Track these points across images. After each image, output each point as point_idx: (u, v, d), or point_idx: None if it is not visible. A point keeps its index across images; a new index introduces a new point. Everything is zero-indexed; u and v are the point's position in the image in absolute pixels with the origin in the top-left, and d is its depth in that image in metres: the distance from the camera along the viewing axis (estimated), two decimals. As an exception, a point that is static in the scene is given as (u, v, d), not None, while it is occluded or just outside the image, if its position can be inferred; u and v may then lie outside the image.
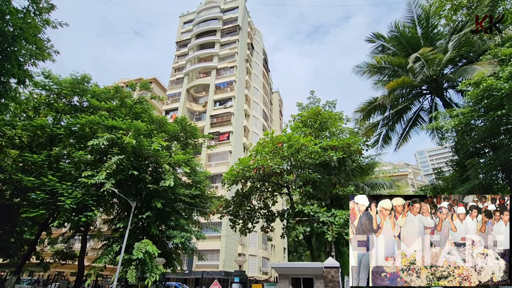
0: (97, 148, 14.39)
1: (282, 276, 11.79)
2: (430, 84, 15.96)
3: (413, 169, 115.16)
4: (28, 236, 21.48)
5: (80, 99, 17.32)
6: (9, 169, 17.27)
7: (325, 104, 25.92)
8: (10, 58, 6.69)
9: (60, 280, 19.04)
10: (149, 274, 13.04)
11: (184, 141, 20.11)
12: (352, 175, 19.86)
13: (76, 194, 13.12)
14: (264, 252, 37.45)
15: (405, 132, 18.28)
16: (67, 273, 28.77)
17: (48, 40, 7.98)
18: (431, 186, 18.54)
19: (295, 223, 15.39)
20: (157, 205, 14.33)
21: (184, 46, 48.65)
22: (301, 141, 15.61)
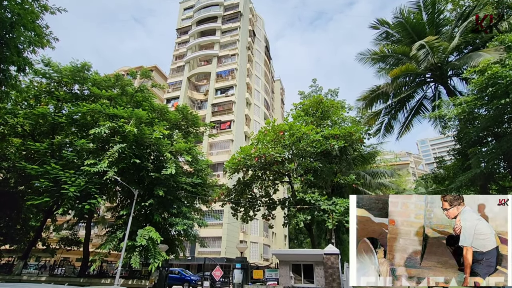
0: (99, 137, 14.43)
1: (283, 263, 12.01)
2: (434, 71, 15.71)
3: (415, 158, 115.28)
4: (33, 223, 21.91)
5: (81, 87, 17.23)
6: (12, 157, 17.44)
7: (327, 93, 25.68)
8: (9, 45, 6.62)
9: (66, 266, 19.50)
10: (153, 260, 13.32)
11: (186, 129, 20.09)
12: (353, 164, 19.89)
13: (79, 182, 13.26)
14: (265, 239, 38.05)
15: (408, 121, 18.16)
16: (72, 259, 29.45)
17: (47, 26, 7.87)
18: (432, 175, 18.57)
19: (296, 211, 15.55)
20: (159, 193, 14.47)
21: (185, 33, 47.88)
22: (302, 129, 15.56)
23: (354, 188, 17.75)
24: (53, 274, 17.42)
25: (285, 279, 11.74)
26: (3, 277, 16.84)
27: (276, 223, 28.67)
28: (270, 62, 57.79)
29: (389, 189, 23.60)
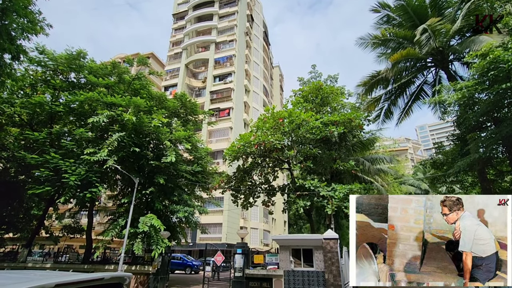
0: (97, 125, 14.37)
1: (283, 247, 12.23)
2: (436, 56, 15.49)
3: (414, 144, 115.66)
4: (35, 211, 22.13)
5: (77, 75, 16.99)
6: (11, 147, 17.39)
7: (326, 79, 25.42)
8: (1, 32, 6.45)
9: (70, 253, 19.86)
10: (155, 246, 13.56)
11: (185, 117, 19.99)
12: (353, 150, 19.94)
13: (79, 171, 13.30)
14: (265, 225, 38.66)
15: (408, 107, 18.06)
16: (76, 246, 29.94)
17: (40, 12, 7.63)
18: (430, 160, 18.67)
19: (296, 198, 15.70)
20: (160, 181, 14.56)
21: (181, 19, 46.82)
22: (302, 116, 15.48)
23: (353, 175, 17.88)
24: (58, 261, 17.75)
25: (285, 263, 12.00)
26: (8, 264, 17.16)
27: (275, 209, 29.05)
28: (268, 48, 56.85)
29: (388, 175, 23.80)
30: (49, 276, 1.86)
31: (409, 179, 33.91)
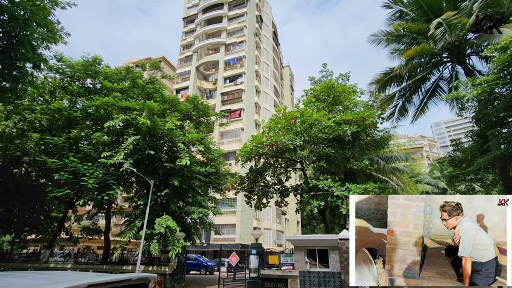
0: (113, 129, 14.72)
1: (297, 248, 12.18)
2: (452, 51, 15.04)
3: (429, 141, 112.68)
4: (55, 214, 22.94)
5: (93, 81, 17.48)
6: (32, 152, 18.09)
7: (338, 77, 25.12)
8: (24, 43, 6.74)
9: (89, 254, 20.44)
10: (171, 247, 13.77)
11: (197, 119, 20.22)
12: (366, 149, 19.59)
13: (97, 174, 13.67)
14: (278, 225, 38.57)
15: (423, 103, 17.61)
16: (94, 247, 30.76)
17: (58, 22, 7.93)
18: (448, 158, 18.12)
19: (310, 198, 15.59)
20: (174, 182, 14.77)
21: (191, 22, 47.39)
22: (314, 116, 15.37)
23: (367, 174, 17.58)
24: (77, 261, 18.29)
25: (300, 264, 11.94)
26: (31, 265, 17.84)
27: (289, 209, 28.90)
28: (278, 48, 56.74)
29: (403, 174, 23.25)
30: (82, 277, 1.93)
31: (425, 178, 33.04)
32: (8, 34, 6.72)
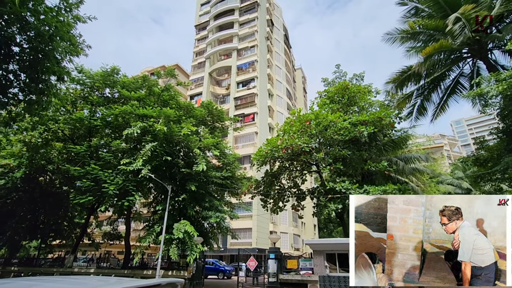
0: (131, 137, 15.11)
1: (316, 252, 11.99)
2: (472, 46, 14.50)
3: (449, 140, 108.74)
4: (78, 220, 23.74)
5: (111, 90, 18.07)
6: (56, 160, 18.84)
7: (352, 78, 24.77)
8: (49, 57, 7.10)
9: (111, 259, 20.97)
10: (190, 252, 13.90)
11: (211, 124, 20.45)
12: (384, 150, 19.11)
13: (117, 181, 14.05)
14: (294, 229, 38.16)
15: (443, 101, 17.01)
16: (114, 252, 31.58)
17: (80, 35, 8.30)
18: (472, 157, 17.38)
19: (327, 201, 15.36)
20: (191, 187, 14.95)
21: (203, 29, 48.21)
22: (329, 117, 15.19)
23: (386, 175, 17.13)
24: (100, 266, 18.79)
25: (319, 268, 11.73)
26: (57, 269, 18.49)
27: (305, 212, 28.55)
28: (290, 50, 56.69)
29: (424, 174, 22.48)
30: (116, 282, 1.98)
31: (447, 178, 31.83)
32: (34, 49, 7.09)
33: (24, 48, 7.42)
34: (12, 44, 7.31)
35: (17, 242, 21.64)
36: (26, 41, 7.35)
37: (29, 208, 20.45)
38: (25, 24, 6.95)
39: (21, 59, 7.54)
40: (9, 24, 6.92)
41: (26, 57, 7.47)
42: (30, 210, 20.59)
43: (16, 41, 7.32)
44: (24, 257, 24.83)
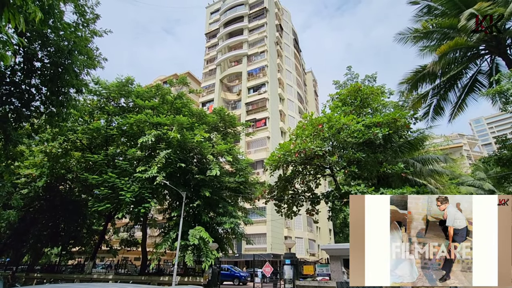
0: (146, 145, 15.44)
1: (333, 258, 11.78)
2: (490, 42, 14.02)
3: (469, 140, 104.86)
4: (96, 227, 24.32)
5: (126, 100, 18.59)
6: (75, 169, 19.46)
7: (364, 79, 24.43)
8: (69, 70, 7.42)
9: (129, 265, 21.32)
10: (205, 258, 13.95)
11: (224, 130, 20.62)
12: (400, 152, 18.64)
13: (133, 188, 14.34)
14: (309, 234, 37.64)
15: (460, 100, 16.45)
16: (131, 258, 32.06)
17: (97, 48, 8.65)
18: (495, 157, 16.67)
19: (342, 205, 15.10)
20: (205, 193, 15.07)
21: (214, 37, 48.99)
22: (342, 120, 15.00)
23: (402, 177, 16.67)
24: (118, 272, 19.14)
25: (337, 274, 11.51)
26: (77, 276, 18.95)
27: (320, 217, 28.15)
28: (300, 54, 56.67)
29: (443, 176, 21.68)
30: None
31: (468, 179, 30.64)
32: (55, 64, 7.44)
33: (45, 63, 7.79)
34: (34, 59, 7.70)
35: (39, 249, 22.38)
36: (47, 56, 7.71)
37: (50, 216, 21.14)
38: (46, 40, 7.30)
39: (42, 74, 7.90)
40: (31, 41, 7.30)
41: (47, 72, 7.83)
42: (51, 218, 21.28)
43: (38, 57, 7.70)
44: (46, 263, 25.62)
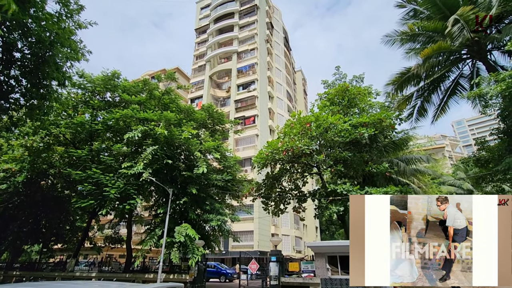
0: (132, 140, 15.17)
1: (318, 255, 11.97)
2: (471, 47, 14.53)
3: (451, 141, 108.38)
4: (79, 223, 23.75)
5: (112, 94, 18.16)
6: (57, 164, 18.90)
7: (352, 79, 24.77)
8: (50, 63, 7.17)
9: (113, 262, 20.94)
10: (191, 255, 13.88)
11: (212, 127, 20.50)
12: (385, 151, 19.10)
13: (118, 184, 14.08)
14: (296, 231, 38.07)
15: (443, 103, 17.02)
16: (116, 255, 31.46)
17: (81, 41, 8.37)
18: (473, 158, 17.33)
19: (328, 203, 15.34)
20: (192, 191, 14.96)
21: (204, 33, 48.47)
22: (329, 120, 15.22)
23: (387, 177, 17.10)
24: (101, 270, 18.77)
25: (321, 271, 11.71)
26: (58, 274, 18.47)
27: (306, 215, 28.52)
28: (290, 53, 56.87)
29: (425, 175, 22.39)
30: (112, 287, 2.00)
31: (449, 179, 31.73)
32: (35, 55, 7.17)
33: (25, 54, 7.50)
34: (14, 50, 7.40)
35: (18, 247, 21.65)
36: (27, 47, 7.43)
37: (31, 212, 20.48)
38: (27, 30, 7.03)
39: (23, 65, 7.61)
40: (10, 30, 7.01)
41: (27, 63, 7.55)
42: (32, 214, 20.62)
43: (18, 47, 7.41)
44: (25, 261, 24.84)
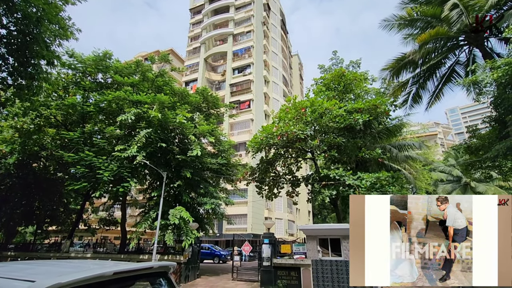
0: (125, 123, 14.97)
1: (310, 237, 12.27)
2: (469, 33, 14.42)
3: (443, 128, 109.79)
4: (73, 206, 23.81)
5: (104, 75, 17.71)
6: (49, 147, 18.66)
7: (348, 65, 24.54)
8: (38, 40, 6.89)
9: (107, 244, 21.20)
10: (185, 237, 14.11)
11: (207, 111, 20.30)
12: (379, 138, 19.28)
13: (112, 167, 14.02)
14: (289, 215, 38.83)
15: (438, 90, 17.05)
16: (111, 237, 31.85)
17: (69, 18, 8.03)
18: (464, 145, 17.63)
19: (321, 188, 15.57)
20: (186, 174, 15.00)
21: (198, 13, 46.98)
22: (324, 105, 15.19)
23: (379, 163, 17.35)
24: (96, 251, 19.02)
25: (312, 253, 12.05)
26: (53, 254, 18.68)
27: (300, 199, 29.00)
28: (286, 36, 55.73)
29: (417, 162, 22.79)
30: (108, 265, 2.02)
31: (439, 166, 32.37)
32: (22, 32, 6.88)
33: (11, 30, 7.19)
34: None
35: (12, 228, 21.70)
36: (13, 23, 7.11)
37: (24, 194, 20.39)
38: (11, 5, 6.70)
39: (9, 42, 7.31)
40: (-6, 5, 6.67)
41: (13, 40, 7.24)
42: (25, 196, 20.54)
43: (3, 23, 7.08)
44: (20, 242, 24.99)
